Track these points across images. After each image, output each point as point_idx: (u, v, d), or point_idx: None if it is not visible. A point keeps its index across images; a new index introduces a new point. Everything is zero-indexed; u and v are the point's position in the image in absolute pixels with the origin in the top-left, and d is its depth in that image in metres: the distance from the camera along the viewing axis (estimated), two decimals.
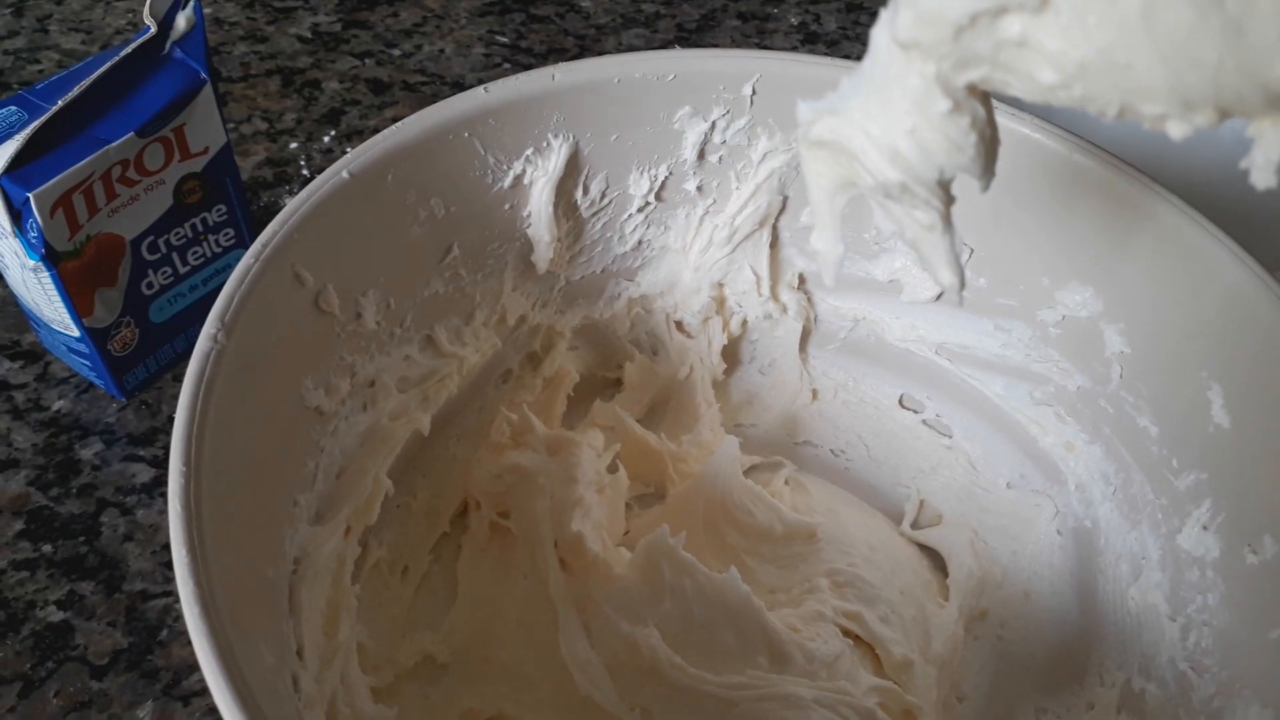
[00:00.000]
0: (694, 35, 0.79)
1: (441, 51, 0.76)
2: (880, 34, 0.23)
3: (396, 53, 0.75)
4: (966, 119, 0.22)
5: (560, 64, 0.42)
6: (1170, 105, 0.19)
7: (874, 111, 0.24)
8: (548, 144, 0.43)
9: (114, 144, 0.44)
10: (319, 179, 0.36)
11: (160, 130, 0.46)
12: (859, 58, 0.24)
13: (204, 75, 0.47)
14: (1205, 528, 0.40)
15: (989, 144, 0.23)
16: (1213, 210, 0.40)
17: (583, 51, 0.77)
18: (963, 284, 0.25)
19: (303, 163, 0.65)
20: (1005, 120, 0.42)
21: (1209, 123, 0.19)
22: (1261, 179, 0.20)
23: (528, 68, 0.75)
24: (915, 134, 0.23)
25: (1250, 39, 0.17)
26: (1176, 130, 0.20)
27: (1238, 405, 0.38)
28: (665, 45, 0.78)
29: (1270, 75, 0.18)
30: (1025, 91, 0.21)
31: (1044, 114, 0.43)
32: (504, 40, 0.78)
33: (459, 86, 0.73)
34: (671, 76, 0.43)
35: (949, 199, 0.24)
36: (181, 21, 0.48)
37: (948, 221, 0.25)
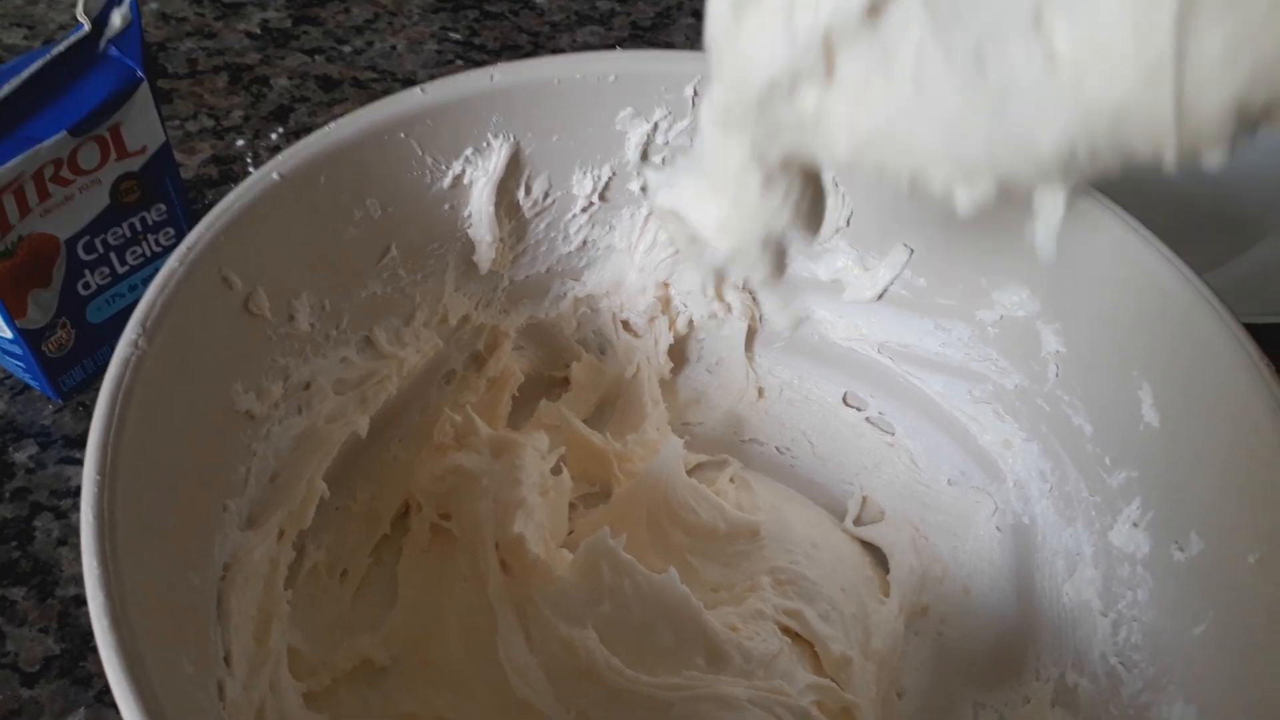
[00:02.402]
0: (649, 33, 0.79)
1: (393, 48, 0.75)
2: (704, 115, 0.25)
3: (347, 49, 0.74)
4: (781, 189, 0.25)
5: (499, 64, 0.42)
6: (952, 174, 0.20)
7: (703, 187, 0.26)
8: (488, 144, 0.43)
9: (45, 143, 0.43)
10: (247, 181, 0.36)
11: (95, 129, 0.45)
12: None
13: (140, 74, 0.46)
14: (1135, 525, 0.40)
15: (809, 209, 0.26)
16: (1146, 215, 0.40)
17: (536, 49, 0.77)
18: (794, 327, 0.28)
19: (249, 160, 0.65)
20: None
21: (989, 193, 0.20)
22: (1043, 248, 0.21)
23: (481, 64, 0.74)
24: (736, 204, 0.25)
25: (1013, 111, 0.18)
26: (964, 200, 0.20)
27: (1166, 405, 0.39)
28: (619, 43, 0.78)
29: (1036, 147, 0.19)
30: (830, 161, 0.23)
31: None
32: (456, 37, 0.77)
33: (410, 83, 0.72)
34: (612, 78, 0.43)
35: (780, 256, 0.27)
36: (117, 19, 0.47)
37: (779, 276, 0.27)
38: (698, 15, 0.88)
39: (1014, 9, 0.18)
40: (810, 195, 0.25)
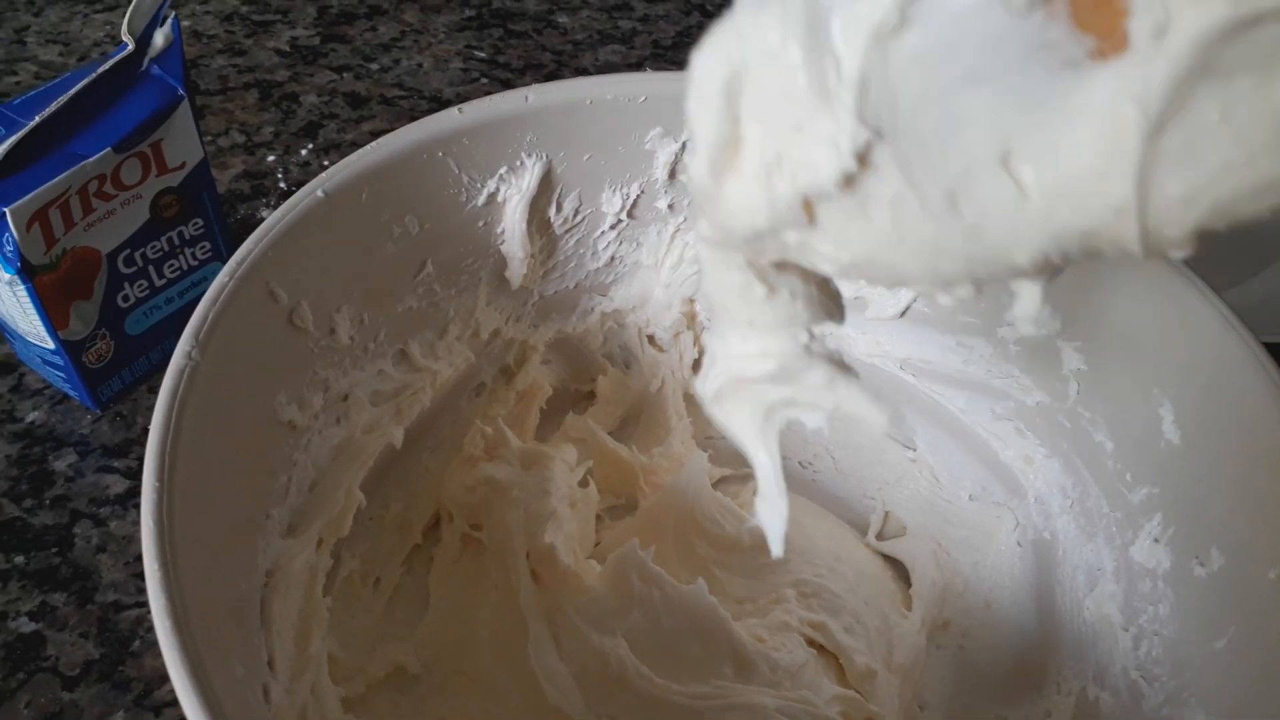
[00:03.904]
0: (669, 52, 0.81)
1: (419, 66, 0.77)
2: (698, 233, 0.25)
3: (374, 67, 0.76)
4: (786, 293, 0.25)
5: (534, 85, 0.43)
6: (933, 286, 0.22)
7: (725, 328, 0.26)
8: (521, 163, 0.44)
9: (91, 159, 0.45)
10: (294, 198, 0.37)
11: (137, 146, 0.47)
12: None
13: (181, 92, 0.48)
14: (1156, 540, 0.41)
15: (821, 300, 0.25)
16: None
17: (560, 67, 0.78)
18: (889, 421, 0.27)
19: (280, 176, 0.66)
20: None
21: (970, 293, 0.22)
22: (1023, 327, 0.22)
23: (505, 82, 0.76)
24: (755, 324, 0.25)
25: (989, 238, 0.20)
26: (944, 300, 0.22)
27: (1187, 422, 0.40)
28: (641, 61, 0.80)
29: (1011, 261, 0.20)
30: (823, 269, 0.24)
31: None
32: (481, 55, 0.78)
33: (436, 101, 0.73)
34: (643, 98, 0.44)
35: (826, 354, 0.26)
36: (159, 39, 0.48)
37: (843, 370, 0.26)
38: None
39: (982, 156, 0.19)
40: (817, 290, 0.25)
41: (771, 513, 0.27)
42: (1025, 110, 0.19)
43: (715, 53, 0.22)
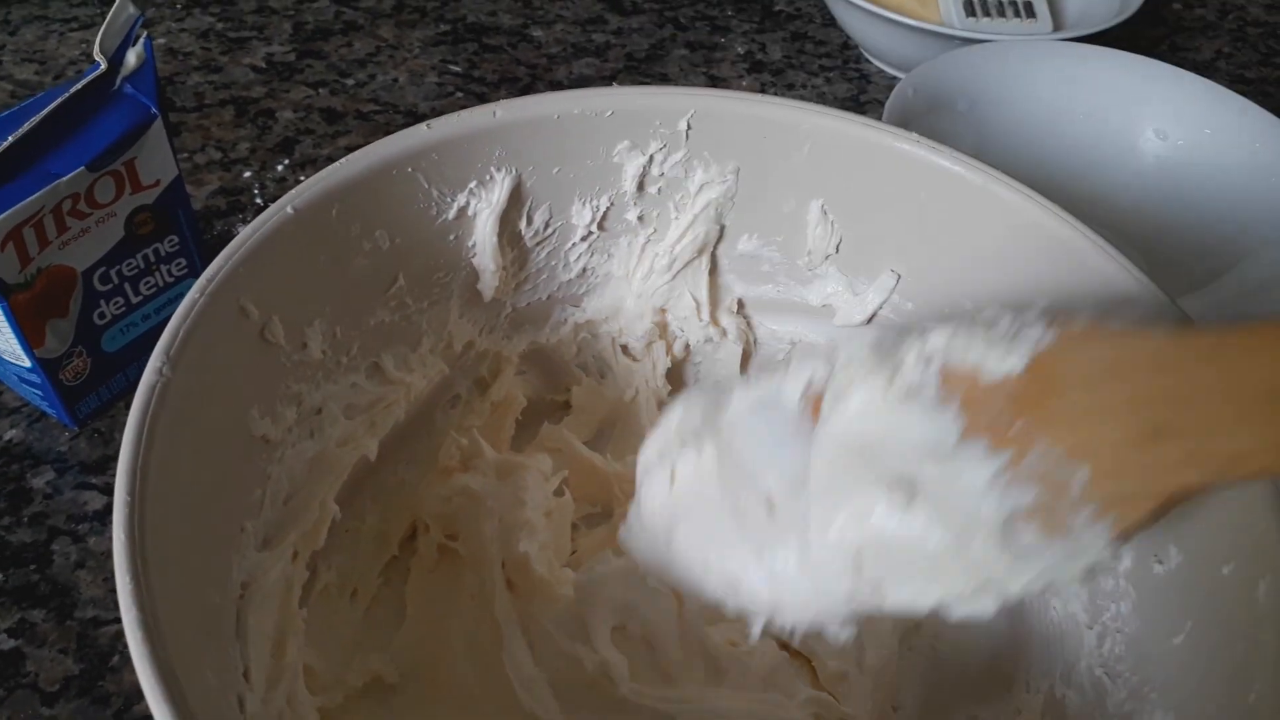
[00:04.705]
0: (643, 65, 0.81)
1: (395, 81, 0.77)
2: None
3: (350, 82, 0.76)
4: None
5: (501, 101, 0.44)
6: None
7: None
8: (491, 177, 0.44)
9: (65, 178, 0.45)
10: (263, 214, 0.37)
11: (111, 164, 0.47)
12: (803, 86, 0.27)
13: (154, 110, 0.48)
14: None
15: None
16: (1134, 235, 0.42)
17: (534, 81, 0.79)
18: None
19: (256, 191, 0.66)
20: (927, 153, 0.44)
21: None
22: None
23: (480, 96, 0.77)
24: None
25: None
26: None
27: None
28: (615, 75, 0.80)
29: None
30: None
31: (971, 149, 0.45)
32: (457, 69, 0.79)
33: (412, 115, 0.74)
34: (610, 113, 0.45)
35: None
36: (132, 58, 0.49)
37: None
38: (690, 47, 0.90)
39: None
40: None
41: None
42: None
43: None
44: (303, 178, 0.65)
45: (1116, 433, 0.26)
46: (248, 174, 0.67)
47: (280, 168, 0.68)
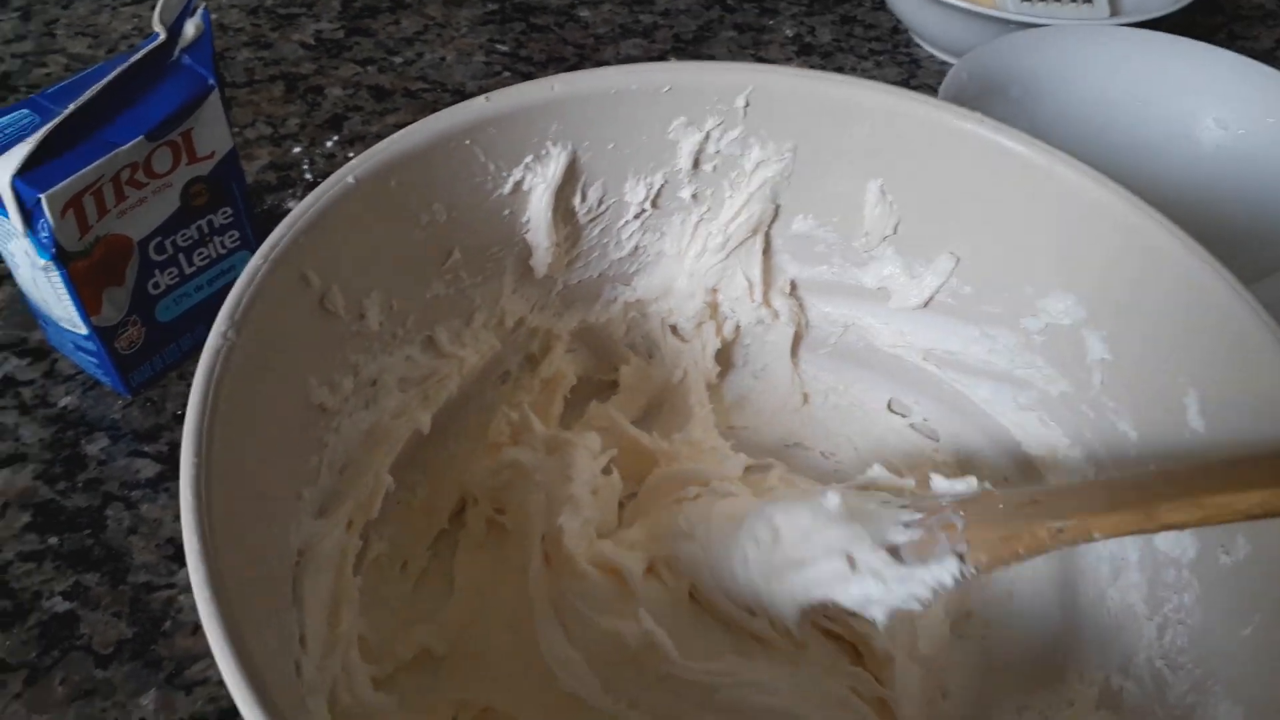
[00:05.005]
0: (690, 46, 0.81)
1: (443, 59, 0.77)
2: None
3: (398, 60, 0.76)
4: None
5: (560, 75, 0.43)
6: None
7: None
8: (547, 152, 0.44)
9: (124, 147, 0.45)
10: (325, 184, 0.37)
11: (169, 135, 0.47)
12: (852, 69, 0.26)
13: (211, 81, 0.48)
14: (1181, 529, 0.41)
15: None
16: (1193, 224, 0.41)
17: (581, 61, 0.79)
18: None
19: (305, 167, 0.66)
20: (990, 133, 0.43)
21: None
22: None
23: (527, 76, 0.76)
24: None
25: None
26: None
27: (1212, 411, 0.40)
28: (662, 55, 0.80)
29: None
30: None
31: (1031, 129, 0.44)
32: (504, 49, 0.79)
33: (459, 94, 0.74)
34: (667, 88, 0.44)
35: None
36: (190, 29, 0.49)
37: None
38: (739, 29, 0.89)
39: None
40: None
41: None
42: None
43: None
44: (351, 154, 0.65)
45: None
46: (297, 149, 0.68)
47: (329, 144, 0.68)
